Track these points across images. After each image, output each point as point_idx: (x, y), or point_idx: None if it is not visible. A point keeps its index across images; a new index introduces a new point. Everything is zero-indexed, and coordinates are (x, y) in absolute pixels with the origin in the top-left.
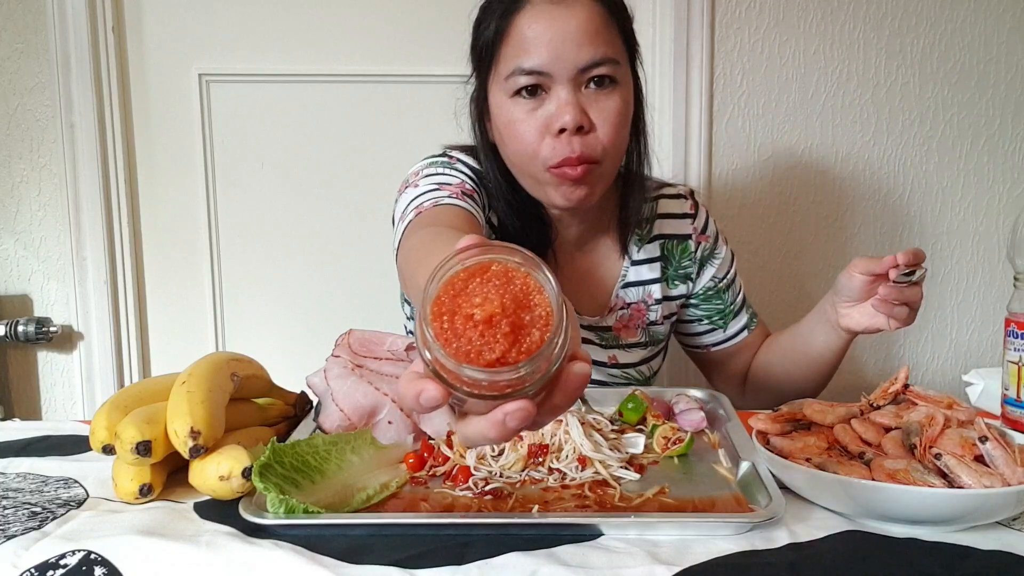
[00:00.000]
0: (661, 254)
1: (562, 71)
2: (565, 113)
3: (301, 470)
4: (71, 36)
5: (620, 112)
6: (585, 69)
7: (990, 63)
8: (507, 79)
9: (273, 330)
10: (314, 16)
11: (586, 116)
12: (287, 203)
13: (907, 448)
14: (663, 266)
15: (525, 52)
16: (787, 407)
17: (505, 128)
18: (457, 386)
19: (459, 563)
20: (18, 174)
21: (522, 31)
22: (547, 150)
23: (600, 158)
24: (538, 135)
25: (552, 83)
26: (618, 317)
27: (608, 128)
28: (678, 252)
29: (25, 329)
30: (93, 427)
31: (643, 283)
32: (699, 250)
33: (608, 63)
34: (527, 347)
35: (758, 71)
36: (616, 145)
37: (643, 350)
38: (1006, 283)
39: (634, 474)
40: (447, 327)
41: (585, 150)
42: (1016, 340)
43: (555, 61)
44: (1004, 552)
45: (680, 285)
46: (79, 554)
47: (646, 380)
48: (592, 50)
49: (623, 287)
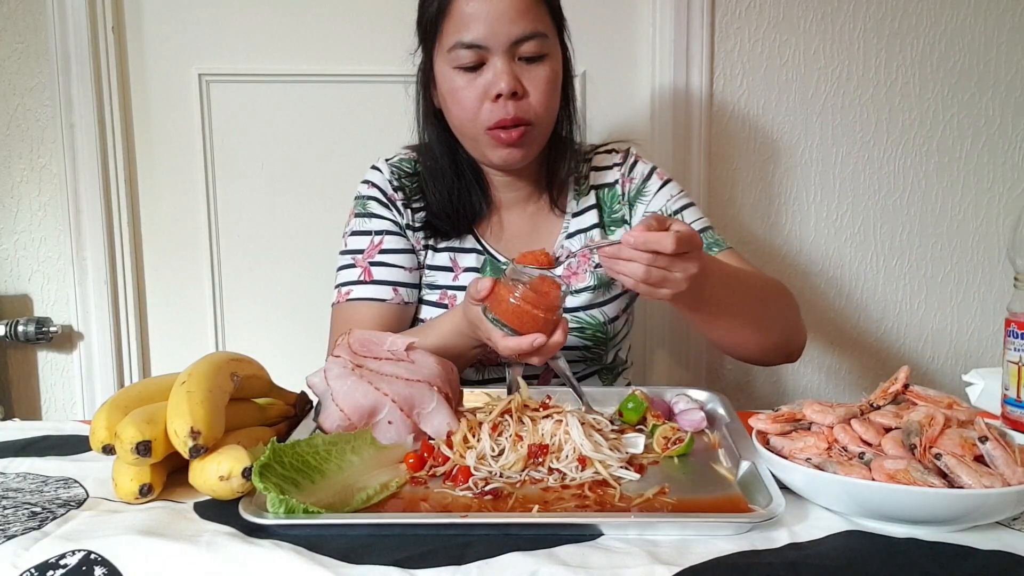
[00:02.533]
0: (596, 203)
1: (497, 44)
2: (501, 80)
3: (301, 470)
4: (71, 36)
5: (549, 80)
6: (518, 42)
7: (990, 63)
8: (449, 51)
9: (273, 330)
10: (314, 16)
11: (519, 83)
12: (287, 203)
13: (907, 448)
14: (599, 213)
15: (465, 27)
16: (787, 407)
17: (449, 95)
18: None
19: (459, 563)
20: (18, 174)
21: (462, 8)
22: (485, 113)
23: (533, 120)
24: (478, 100)
25: (489, 55)
26: (565, 265)
27: (539, 94)
28: (609, 198)
29: (25, 329)
30: (93, 427)
31: (584, 230)
32: (626, 192)
33: (538, 37)
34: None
35: (758, 71)
36: (547, 109)
37: (591, 293)
38: (1006, 283)
39: (634, 474)
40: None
41: (519, 113)
42: (1016, 340)
43: (491, 35)
44: (1004, 552)
45: (617, 230)
46: (79, 554)
47: (603, 328)
48: (524, 24)
49: (566, 237)
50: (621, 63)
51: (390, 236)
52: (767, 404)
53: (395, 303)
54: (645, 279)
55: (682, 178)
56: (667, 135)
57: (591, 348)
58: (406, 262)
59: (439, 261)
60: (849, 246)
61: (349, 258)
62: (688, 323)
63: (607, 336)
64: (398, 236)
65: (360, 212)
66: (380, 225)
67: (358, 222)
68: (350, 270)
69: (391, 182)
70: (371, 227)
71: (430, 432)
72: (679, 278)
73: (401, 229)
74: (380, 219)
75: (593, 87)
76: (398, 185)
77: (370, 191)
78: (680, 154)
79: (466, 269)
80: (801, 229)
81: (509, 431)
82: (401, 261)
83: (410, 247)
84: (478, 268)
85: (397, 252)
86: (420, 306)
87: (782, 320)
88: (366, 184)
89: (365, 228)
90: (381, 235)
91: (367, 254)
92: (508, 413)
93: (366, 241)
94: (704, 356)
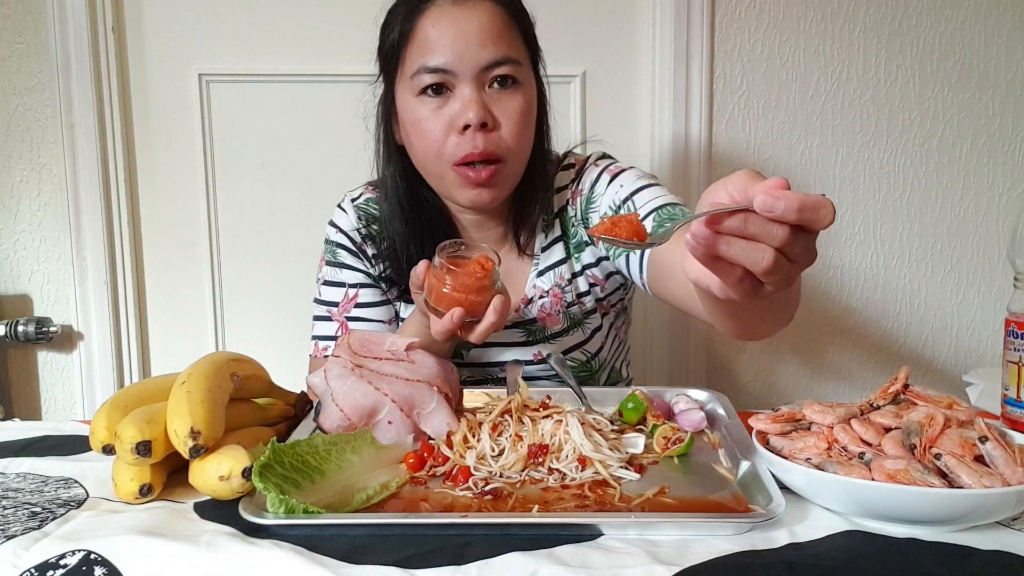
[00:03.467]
0: (561, 232)
1: (465, 70)
2: (469, 110)
3: (301, 470)
4: (71, 36)
5: (523, 112)
6: (487, 68)
7: (990, 63)
8: (412, 78)
9: (273, 330)
10: (314, 16)
11: (490, 114)
12: (287, 203)
13: (907, 448)
14: (564, 244)
15: (429, 51)
16: (787, 407)
17: (412, 127)
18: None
19: (459, 563)
20: (18, 174)
21: (426, 31)
22: (452, 146)
23: (504, 156)
24: (443, 132)
25: (456, 81)
26: (540, 307)
27: (511, 126)
28: (568, 222)
29: (25, 329)
30: (93, 427)
31: (553, 266)
32: (577, 209)
33: (509, 63)
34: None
35: (758, 71)
36: (520, 143)
37: (566, 336)
38: (1006, 283)
39: (634, 474)
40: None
41: (489, 147)
42: (1016, 340)
43: (458, 60)
44: (1004, 552)
45: (583, 253)
46: (79, 554)
47: (587, 365)
48: (494, 49)
49: (537, 276)
50: (621, 63)
51: (364, 288)
52: (767, 404)
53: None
54: (791, 254)
55: (682, 178)
56: (667, 135)
57: (585, 380)
58: (383, 315)
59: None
60: (849, 246)
61: (324, 310)
62: (722, 316)
63: (593, 370)
64: (372, 288)
65: (331, 261)
66: (353, 277)
67: (330, 271)
68: (326, 323)
69: (359, 230)
70: (344, 279)
71: (430, 432)
72: (811, 251)
73: (375, 280)
74: (352, 270)
75: (593, 87)
76: (365, 233)
77: (338, 237)
78: (680, 154)
79: None
80: None
81: (509, 431)
82: (378, 315)
83: (385, 299)
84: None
85: (373, 305)
86: None
87: (796, 296)
88: (334, 228)
89: (338, 279)
90: (356, 288)
91: (343, 308)
92: (508, 413)
93: (340, 293)
94: (704, 356)
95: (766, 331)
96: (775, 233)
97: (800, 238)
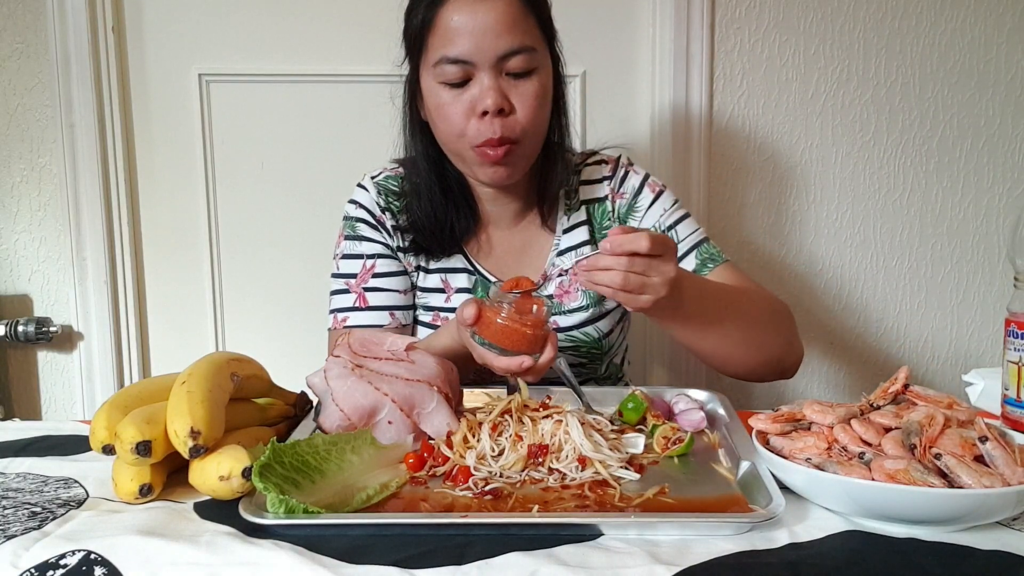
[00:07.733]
0: (587, 218)
1: (484, 59)
2: (487, 97)
3: (301, 470)
4: (71, 36)
5: (538, 95)
6: (504, 57)
7: (990, 63)
8: (435, 66)
9: (273, 330)
10: (314, 16)
11: (507, 100)
12: (287, 203)
13: (907, 448)
14: (590, 229)
15: (450, 42)
16: (787, 407)
17: (435, 110)
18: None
19: (459, 563)
20: (18, 174)
21: (447, 22)
22: (472, 131)
23: (519, 138)
24: (464, 117)
25: (475, 70)
26: (557, 284)
27: (527, 111)
28: (599, 214)
29: (25, 329)
30: (93, 427)
31: (575, 247)
32: (616, 208)
33: (526, 51)
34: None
35: (758, 71)
36: (535, 125)
37: (585, 312)
38: (1006, 283)
39: (634, 474)
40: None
41: (505, 131)
42: (1016, 340)
43: (477, 51)
44: (1004, 552)
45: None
46: (79, 554)
47: (598, 343)
48: (510, 39)
49: (557, 255)
50: (621, 63)
51: (382, 259)
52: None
53: (392, 328)
54: (623, 285)
55: (682, 179)
56: (667, 135)
57: (586, 364)
58: (400, 285)
59: (431, 283)
60: (849, 246)
61: (342, 283)
62: (674, 339)
63: (602, 351)
64: (390, 259)
65: (350, 235)
66: (371, 248)
67: (348, 245)
68: (344, 295)
69: (378, 203)
70: (362, 250)
71: (430, 432)
72: (657, 282)
73: (393, 252)
74: (371, 242)
75: (593, 87)
76: (385, 206)
77: (358, 212)
78: (680, 154)
79: (458, 290)
80: (801, 229)
81: (509, 431)
82: (395, 284)
83: (403, 269)
84: (469, 288)
85: (390, 275)
86: (416, 327)
87: (773, 337)
88: (353, 204)
89: (356, 252)
90: (373, 259)
91: (360, 279)
92: (508, 413)
93: (358, 265)
94: None
95: (738, 363)
96: (619, 262)
97: (637, 261)
